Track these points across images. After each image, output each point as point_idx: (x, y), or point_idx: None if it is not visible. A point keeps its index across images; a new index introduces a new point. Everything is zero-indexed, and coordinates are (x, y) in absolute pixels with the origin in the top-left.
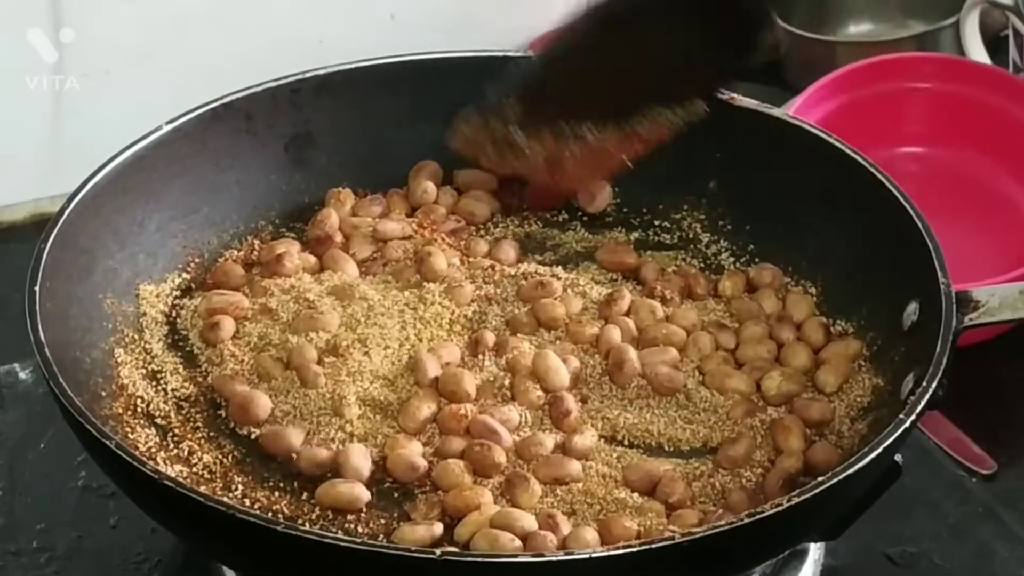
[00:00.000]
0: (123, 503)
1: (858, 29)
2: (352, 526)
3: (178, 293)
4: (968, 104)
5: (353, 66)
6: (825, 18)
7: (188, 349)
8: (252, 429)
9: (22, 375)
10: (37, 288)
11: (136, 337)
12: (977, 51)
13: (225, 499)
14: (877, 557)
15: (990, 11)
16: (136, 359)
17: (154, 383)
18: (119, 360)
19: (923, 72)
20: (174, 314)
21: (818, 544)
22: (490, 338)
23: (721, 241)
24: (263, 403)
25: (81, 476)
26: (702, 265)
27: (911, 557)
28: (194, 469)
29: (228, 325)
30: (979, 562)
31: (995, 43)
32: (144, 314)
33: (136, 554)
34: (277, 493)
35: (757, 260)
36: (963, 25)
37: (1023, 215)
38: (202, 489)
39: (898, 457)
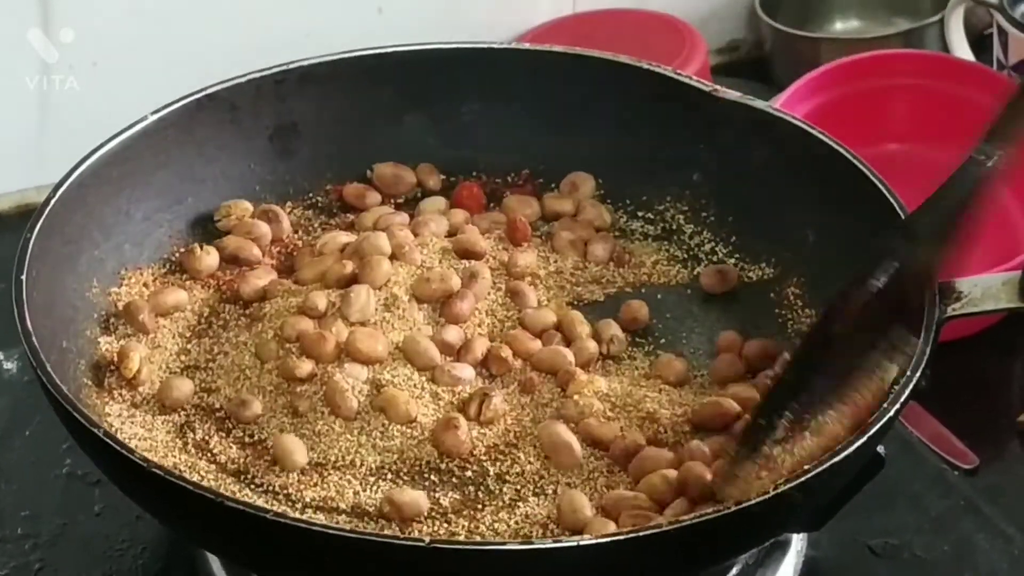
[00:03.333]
0: (108, 491)
1: (843, 26)
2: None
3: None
4: (952, 101)
5: (337, 57)
6: (811, 15)
7: None
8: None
9: (6, 364)
10: (24, 277)
11: (122, 326)
12: (962, 49)
13: (211, 487)
14: (859, 548)
15: (975, 9)
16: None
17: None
18: (105, 349)
19: (908, 69)
20: None
21: (801, 535)
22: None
23: (704, 232)
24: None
25: (66, 464)
26: (685, 256)
27: (893, 549)
28: (179, 457)
29: None
30: (960, 554)
31: (979, 41)
32: None
33: (121, 541)
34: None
35: (740, 252)
36: (948, 23)
37: (1006, 213)
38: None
39: (881, 449)
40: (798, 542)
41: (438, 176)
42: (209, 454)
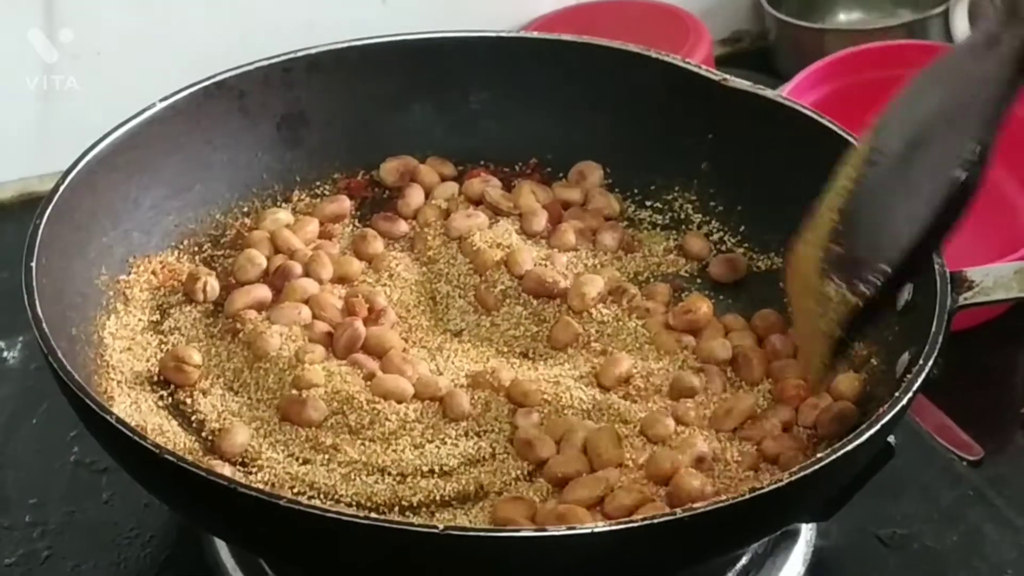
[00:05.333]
0: (116, 479)
1: (847, 17)
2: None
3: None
4: None
5: (345, 45)
6: (815, 6)
7: None
8: None
9: (8, 353)
10: (33, 263)
11: (129, 314)
12: None
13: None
14: (868, 539)
15: (979, 0)
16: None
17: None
18: (113, 336)
19: (912, 60)
20: None
21: (810, 525)
22: None
23: (712, 222)
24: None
25: (74, 452)
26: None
27: (902, 539)
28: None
29: None
30: (969, 545)
31: None
32: None
33: (129, 529)
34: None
35: (749, 241)
36: (952, 14)
37: (1010, 203)
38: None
39: (891, 438)
40: (807, 532)
41: (451, 166)
42: None
